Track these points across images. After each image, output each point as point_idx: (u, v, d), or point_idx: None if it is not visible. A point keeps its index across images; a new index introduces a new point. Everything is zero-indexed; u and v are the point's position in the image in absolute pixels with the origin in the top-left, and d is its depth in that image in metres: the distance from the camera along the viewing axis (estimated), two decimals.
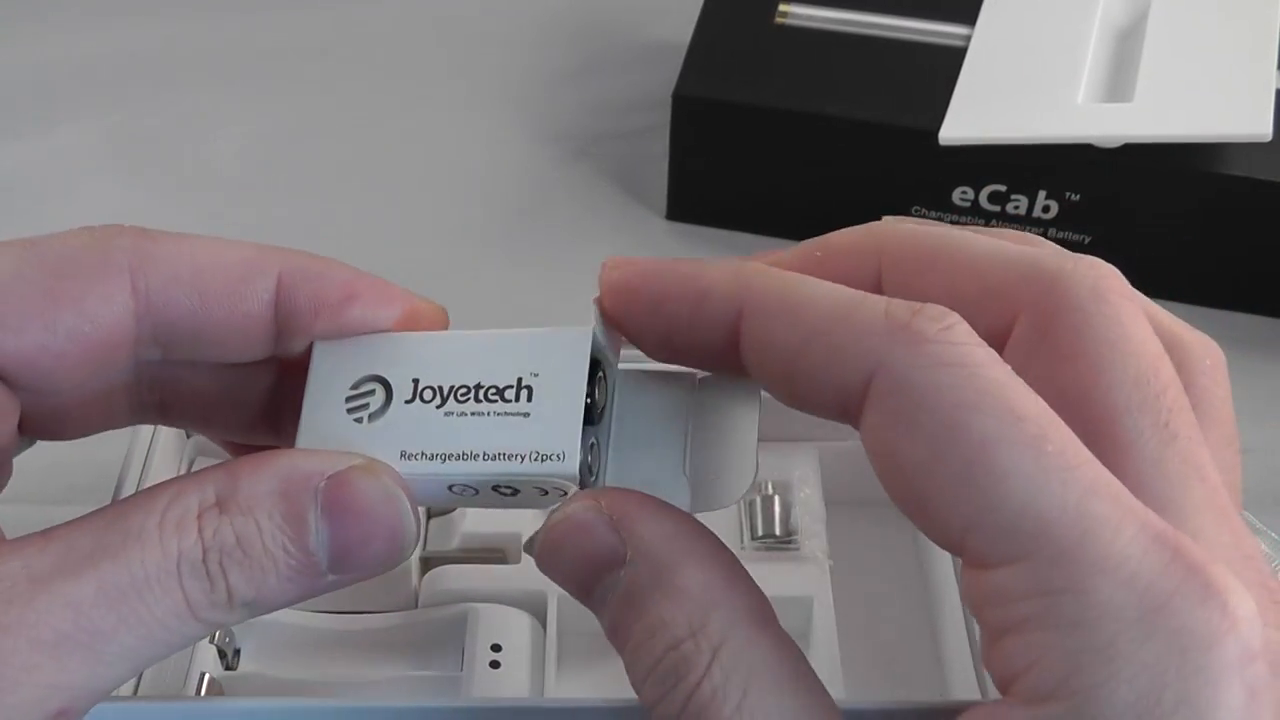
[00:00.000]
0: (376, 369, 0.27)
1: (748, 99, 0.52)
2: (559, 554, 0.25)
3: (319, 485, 0.25)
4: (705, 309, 0.25)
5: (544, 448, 0.25)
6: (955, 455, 0.22)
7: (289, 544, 0.25)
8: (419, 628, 0.37)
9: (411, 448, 0.26)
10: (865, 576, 0.40)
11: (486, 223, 0.55)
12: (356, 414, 0.27)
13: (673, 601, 0.24)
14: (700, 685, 0.23)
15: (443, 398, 0.26)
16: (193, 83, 0.61)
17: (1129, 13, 0.52)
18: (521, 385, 0.26)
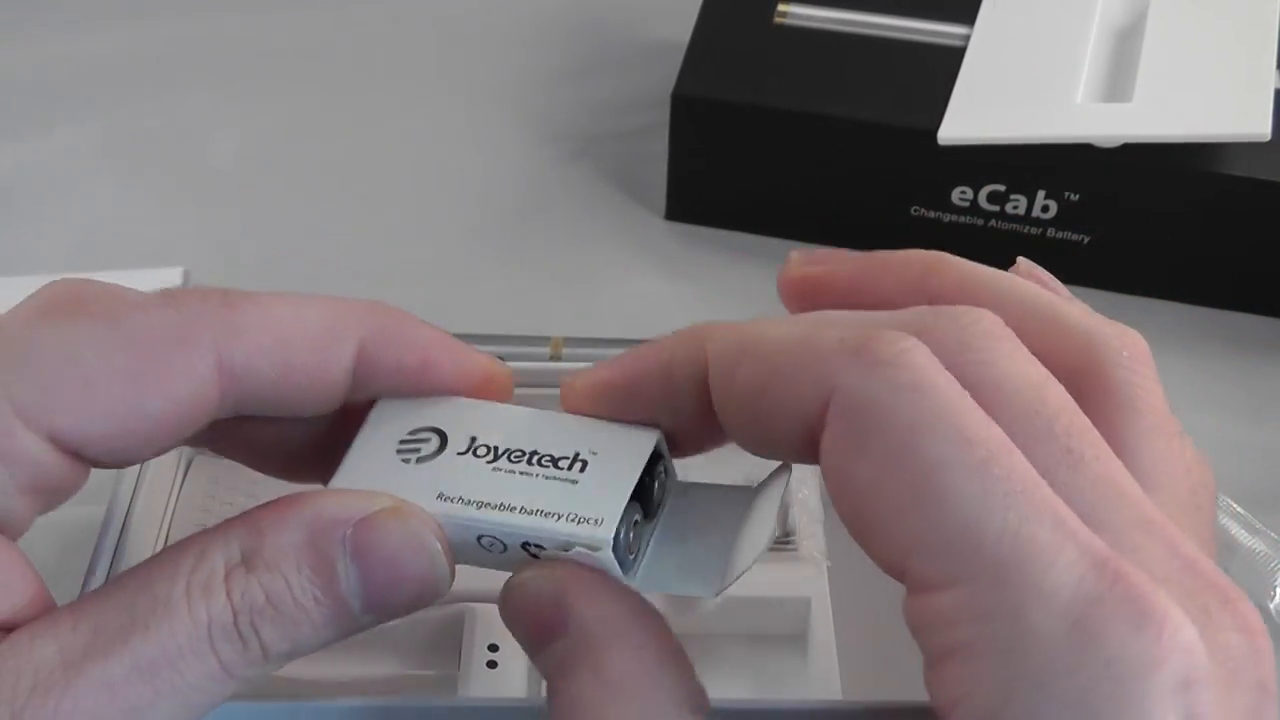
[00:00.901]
0: (436, 422, 0.27)
1: (747, 99, 0.52)
2: (510, 615, 0.26)
3: (347, 533, 0.25)
4: (675, 380, 0.26)
5: (584, 511, 0.25)
6: (903, 476, 0.22)
7: (319, 594, 0.24)
8: (416, 627, 0.37)
9: (450, 491, 0.26)
10: (863, 577, 0.40)
11: (485, 223, 0.55)
12: (405, 455, 0.27)
13: (597, 685, 0.24)
14: None
15: (495, 456, 0.26)
16: (193, 83, 0.61)
17: (1128, 12, 0.52)
18: (578, 459, 0.26)
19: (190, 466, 0.40)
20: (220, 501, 0.39)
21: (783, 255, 0.56)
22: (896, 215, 0.53)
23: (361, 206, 0.56)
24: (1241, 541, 0.43)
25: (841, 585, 0.39)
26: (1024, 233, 0.52)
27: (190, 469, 0.40)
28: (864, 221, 0.54)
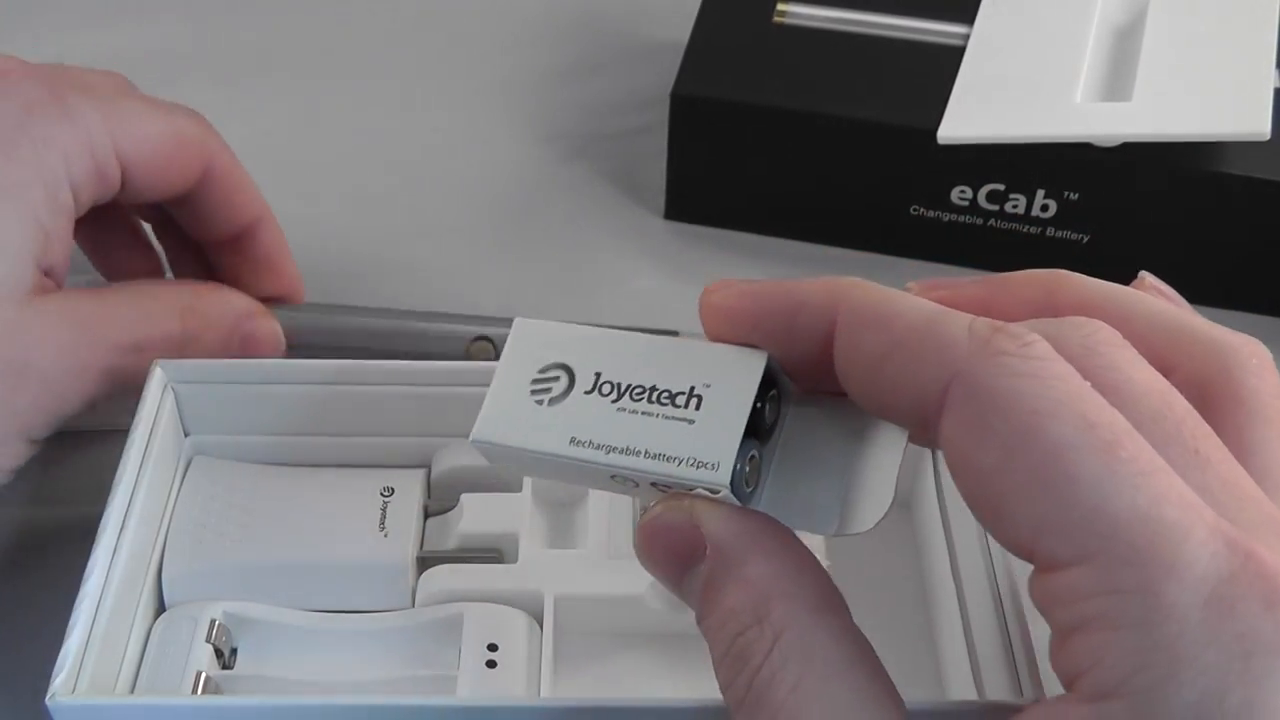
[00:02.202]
0: (565, 358, 0.29)
1: (746, 98, 0.52)
2: (648, 550, 0.28)
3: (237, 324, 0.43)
4: (801, 322, 0.27)
5: (702, 455, 0.27)
6: (1028, 460, 0.23)
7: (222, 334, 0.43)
8: (415, 627, 0.38)
9: (582, 435, 0.28)
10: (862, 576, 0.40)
11: (484, 222, 0.55)
12: (539, 396, 0.29)
13: (741, 591, 0.26)
14: (761, 669, 0.25)
15: (619, 394, 0.28)
16: (193, 83, 0.61)
17: (1127, 11, 0.52)
18: (693, 393, 0.28)
19: (190, 466, 0.41)
20: (220, 501, 0.39)
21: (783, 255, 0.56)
22: (896, 214, 0.53)
23: (361, 206, 0.56)
24: None
25: (841, 586, 0.39)
26: (1023, 232, 0.52)
27: (190, 469, 0.40)
28: (863, 221, 0.54)
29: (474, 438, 0.29)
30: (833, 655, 0.25)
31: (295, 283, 0.46)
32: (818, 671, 0.25)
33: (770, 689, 0.25)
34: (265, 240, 0.45)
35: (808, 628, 0.25)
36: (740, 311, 0.28)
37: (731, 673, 0.26)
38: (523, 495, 0.40)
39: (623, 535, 0.39)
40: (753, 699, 0.25)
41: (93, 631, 0.34)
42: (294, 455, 0.41)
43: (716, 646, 0.26)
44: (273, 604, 0.38)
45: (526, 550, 0.39)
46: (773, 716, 0.25)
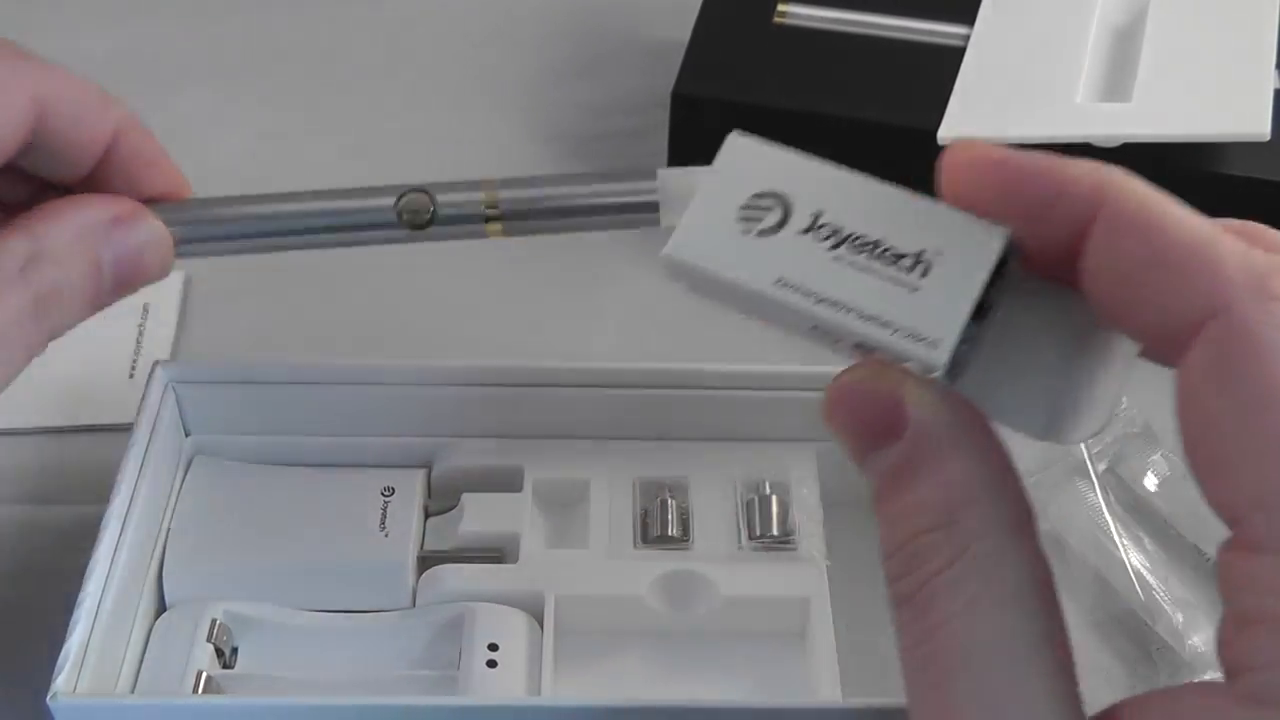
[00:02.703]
0: (783, 188, 0.26)
1: (747, 98, 0.52)
2: (839, 414, 0.26)
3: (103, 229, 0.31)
4: (1057, 208, 0.24)
5: (920, 328, 0.24)
6: (1272, 423, 0.21)
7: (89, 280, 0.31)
8: (416, 627, 0.38)
9: (791, 278, 0.25)
10: (863, 577, 0.40)
11: None
12: (746, 224, 0.26)
13: (936, 487, 0.24)
14: (939, 575, 0.23)
15: (839, 241, 0.26)
16: (193, 83, 0.61)
17: (1127, 12, 0.52)
18: (921, 258, 0.25)
19: (191, 466, 0.41)
20: (221, 501, 0.39)
21: None
22: None
23: None
24: None
25: (841, 585, 0.39)
26: None
27: (191, 469, 0.40)
28: None
29: (667, 254, 0.27)
30: (1015, 581, 0.23)
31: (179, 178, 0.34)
32: (995, 594, 0.23)
33: (943, 598, 0.23)
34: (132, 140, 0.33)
35: (997, 547, 0.23)
36: (989, 180, 0.25)
37: (903, 568, 0.24)
38: (523, 495, 0.40)
39: (623, 535, 0.39)
40: (921, 601, 0.24)
41: (93, 631, 0.34)
42: (294, 455, 0.41)
43: (892, 536, 0.24)
44: (273, 604, 0.38)
45: (527, 550, 0.39)
46: (937, 626, 0.23)
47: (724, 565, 0.39)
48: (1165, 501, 0.43)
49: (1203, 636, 0.40)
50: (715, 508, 0.40)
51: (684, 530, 0.39)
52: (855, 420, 0.25)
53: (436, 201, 0.32)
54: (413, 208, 0.33)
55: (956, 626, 0.23)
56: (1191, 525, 0.43)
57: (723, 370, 0.41)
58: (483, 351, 0.49)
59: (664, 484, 0.40)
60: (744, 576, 0.38)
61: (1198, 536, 0.43)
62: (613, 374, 0.41)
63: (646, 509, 0.40)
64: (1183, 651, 0.40)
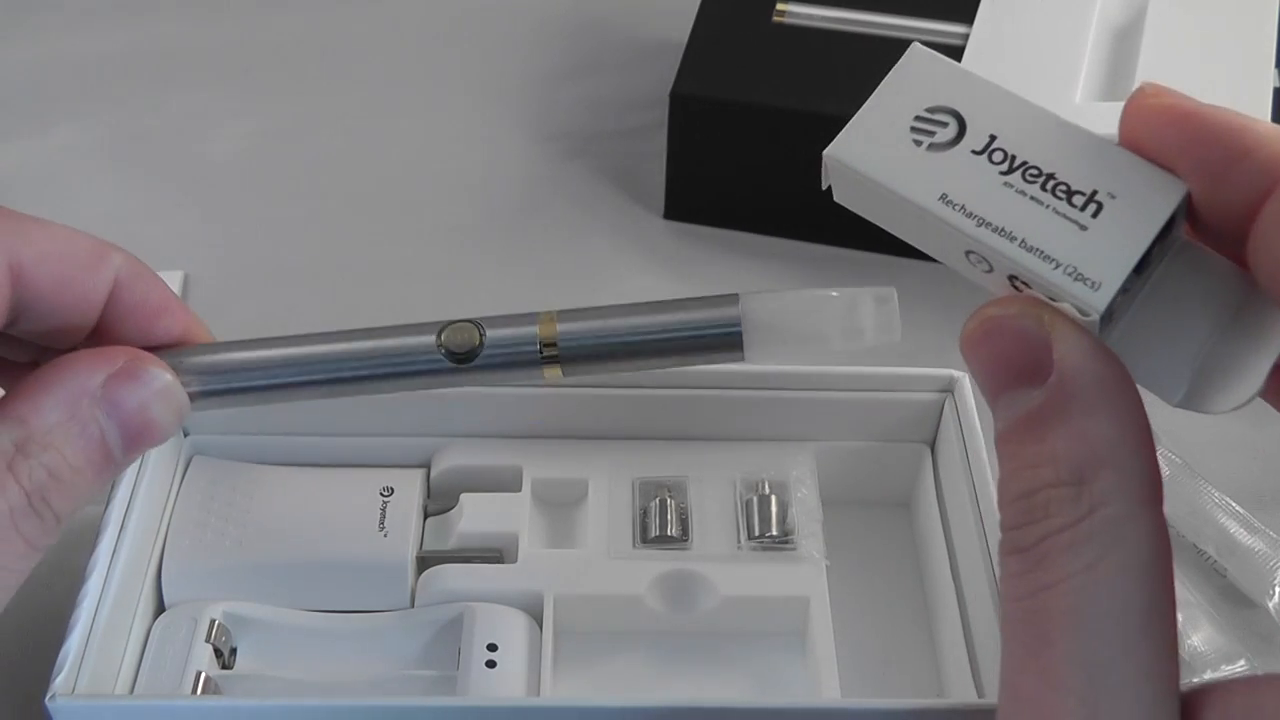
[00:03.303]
0: (961, 105, 0.26)
1: (746, 98, 0.52)
2: (983, 346, 0.25)
3: (97, 395, 0.28)
4: (1238, 170, 0.24)
5: (1085, 269, 0.24)
6: None
7: (90, 454, 0.27)
8: (415, 627, 0.37)
9: (956, 196, 0.25)
10: (862, 576, 0.40)
11: (483, 222, 0.55)
12: (918, 135, 0.25)
13: (1073, 441, 0.23)
14: (1062, 532, 0.23)
15: (1011, 167, 0.25)
16: (193, 83, 0.61)
17: (1127, 11, 0.52)
18: (1094, 198, 0.24)
19: (189, 466, 0.41)
20: (220, 501, 0.39)
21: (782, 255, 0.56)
22: None
23: (361, 205, 0.56)
24: (1241, 541, 0.43)
25: (841, 585, 0.39)
26: None
27: (189, 469, 0.40)
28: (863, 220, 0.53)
29: (831, 154, 0.26)
30: (1138, 551, 0.23)
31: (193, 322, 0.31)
32: (1117, 562, 0.23)
33: (1063, 556, 0.23)
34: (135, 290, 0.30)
35: (1127, 514, 0.23)
36: (1171, 130, 0.24)
37: (1024, 517, 0.23)
38: (522, 495, 0.40)
39: (622, 535, 0.39)
40: (1038, 556, 0.23)
41: (93, 631, 0.34)
42: (294, 455, 0.41)
43: (1016, 483, 0.24)
44: (273, 604, 0.38)
45: (526, 550, 0.39)
46: (1054, 582, 0.23)
47: (723, 565, 0.39)
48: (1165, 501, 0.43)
49: (1202, 636, 0.40)
50: (714, 508, 0.40)
51: (683, 530, 0.39)
52: (997, 355, 0.24)
53: (484, 335, 0.29)
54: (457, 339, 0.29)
55: (1072, 586, 0.23)
56: (1191, 525, 0.43)
57: (723, 370, 0.40)
58: None
59: (663, 484, 0.40)
60: (743, 576, 0.38)
61: (1198, 536, 0.43)
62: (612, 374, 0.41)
63: (646, 509, 0.40)
64: (1182, 651, 0.40)
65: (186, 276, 0.52)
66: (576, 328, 0.29)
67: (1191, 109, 0.25)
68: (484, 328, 0.29)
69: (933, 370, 0.41)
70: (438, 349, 0.29)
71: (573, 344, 0.29)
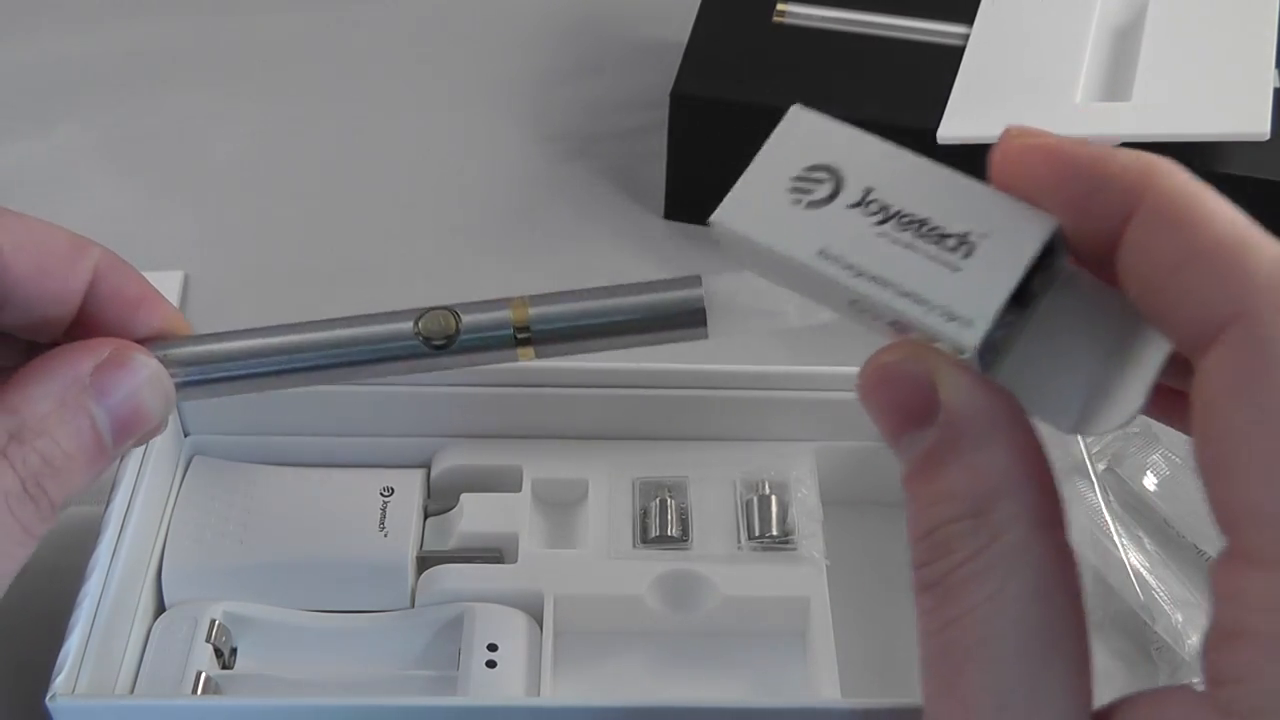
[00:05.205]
0: (837, 162, 0.26)
1: (746, 98, 0.52)
2: (875, 393, 0.25)
3: (86, 382, 0.29)
4: (1100, 199, 0.24)
5: (956, 308, 0.24)
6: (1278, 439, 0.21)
7: (83, 441, 0.28)
8: (415, 627, 0.38)
9: (834, 250, 0.26)
10: (862, 577, 0.40)
11: (483, 222, 0.55)
12: (797, 195, 0.26)
13: (966, 476, 0.24)
14: (964, 565, 0.23)
15: (886, 217, 0.26)
16: (193, 83, 0.61)
17: (1127, 11, 0.52)
18: (966, 239, 0.25)
19: (190, 466, 0.41)
20: (220, 501, 0.39)
21: None
22: None
23: (360, 206, 0.56)
24: None
25: (841, 585, 0.39)
26: None
27: (190, 469, 0.40)
28: None
29: (715, 220, 0.27)
30: (1039, 575, 0.23)
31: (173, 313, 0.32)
32: (1019, 588, 0.23)
33: (967, 588, 0.23)
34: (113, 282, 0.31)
35: (1025, 541, 0.23)
36: (1037, 168, 0.25)
37: (929, 554, 0.24)
38: (522, 495, 0.40)
39: (623, 535, 0.39)
40: (944, 591, 0.24)
41: (93, 631, 0.34)
42: (294, 455, 0.41)
43: (920, 522, 0.24)
44: (273, 604, 0.38)
45: (526, 550, 0.39)
46: (959, 615, 0.23)
47: (723, 565, 0.39)
48: (1165, 501, 0.43)
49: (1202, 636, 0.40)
50: (714, 508, 0.40)
51: (683, 530, 0.39)
52: (889, 401, 0.25)
53: (460, 321, 0.31)
54: (433, 325, 0.31)
55: (977, 617, 0.23)
56: (1191, 525, 0.43)
57: (722, 370, 0.41)
58: None
59: (663, 484, 0.40)
60: (743, 576, 0.38)
61: (1197, 536, 0.43)
62: (613, 374, 0.41)
63: (646, 509, 0.40)
64: (1182, 651, 0.39)
65: (186, 276, 0.52)
66: (547, 311, 0.31)
67: (1054, 145, 0.25)
68: (460, 314, 0.31)
69: None
70: (415, 336, 0.31)
71: (544, 327, 0.31)
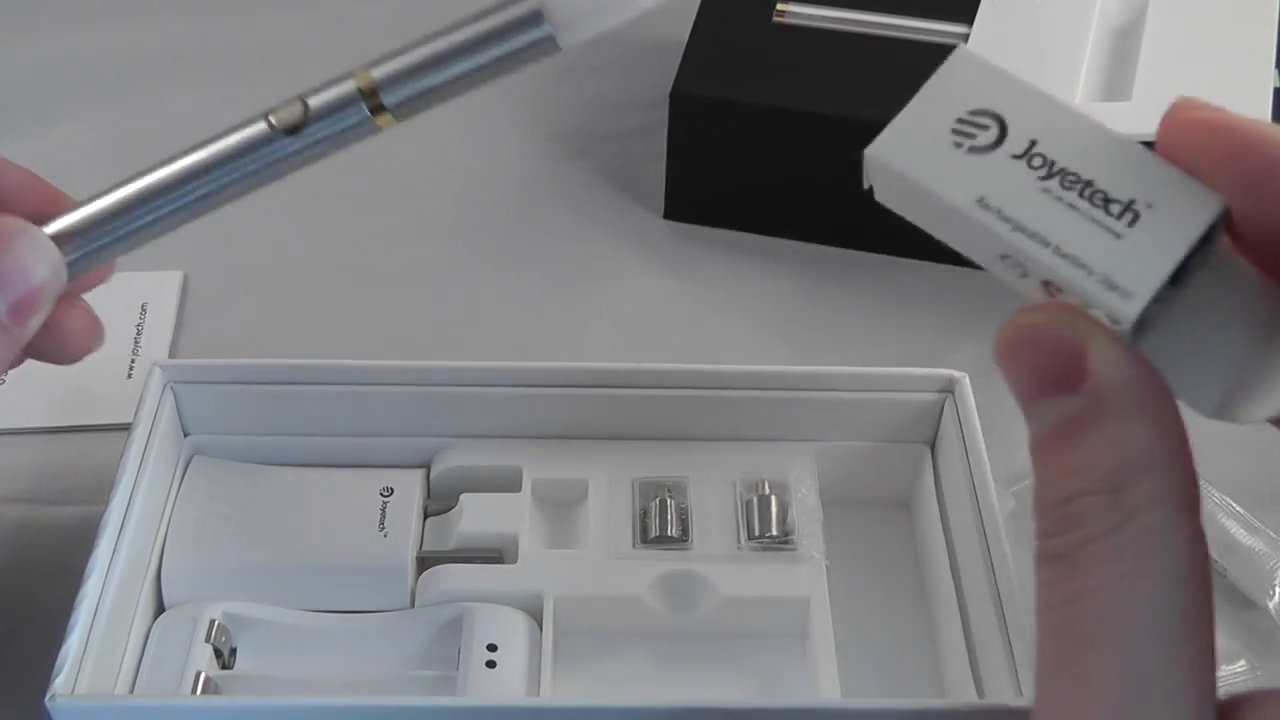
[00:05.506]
0: (1003, 110, 0.26)
1: (746, 97, 0.52)
2: (1017, 353, 0.24)
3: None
4: (1276, 181, 0.24)
5: (1117, 276, 0.24)
6: None
7: None
8: (415, 628, 0.38)
9: (992, 199, 0.25)
10: (862, 576, 0.40)
11: (483, 222, 0.55)
12: (959, 138, 0.26)
13: (1108, 449, 0.23)
14: (1098, 540, 0.23)
15: (1050, 173, 0.25)
16: (192, 83, 0.61)
17: (1127, 12, 0.52)
18: (1131, 207, 0.24)
19: (190, 466, 0.41)
20: (220, 501, 0.39)
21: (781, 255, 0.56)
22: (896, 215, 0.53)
23: (360, 206, 0.56)
24: (1241, 541, 0.43)
25: (841, 585, 0.39)
26: None
27: (190, 469, 0.40)
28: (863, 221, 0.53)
29: (871, 153, 0.26)
30: (1175, 559, 0.23)
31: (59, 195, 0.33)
32: (1155, 569, 0.22)
33: (1096, 565, 0.23)
34: None
35: (1164, 522, 0.23)
36: (1208, 144, 0.24)
37: (1059, 525, 0.23)
38: (522, 495, 0.40)
39: (623, 535, 0.39)
40: (1072, 564, 0.23)
41: (92, 631, 0.34)
42: (294, 455, 0.41)
43: (1051, 491, 0.24)
44: (272, 604, 0.38)
45: (526, 550, 0.39)
46: (1088, 591, 0.23)
47: (723, 565, 0.39)
48: None
49: None
50: (714, 508, 0.40)
51: (683, 530, 0.39)
52: (1031, 363, 0.24)
53: (308, 104, 0.31)
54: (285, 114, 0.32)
55: (1109, 594, 0.23)
56: None
57: (723, 370, 0.41)
58: (482, 351, 0.49)
59: (663, 484, 0.40)
60: (743, 577, 0.38)
61: None
62: (612, 374, 0.41)
63: (646, 509, 0.40)
64: None
65: (186, 276, 0.52)
66: (390, 66, 0.31)
67: (1228, 122, 0.24)
68: (308, 97, 0.31)
69: (933, 370, 0.41)
70: (271, 130, 0.31)
71: (392, 85, 0.30)
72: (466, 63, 0.30)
